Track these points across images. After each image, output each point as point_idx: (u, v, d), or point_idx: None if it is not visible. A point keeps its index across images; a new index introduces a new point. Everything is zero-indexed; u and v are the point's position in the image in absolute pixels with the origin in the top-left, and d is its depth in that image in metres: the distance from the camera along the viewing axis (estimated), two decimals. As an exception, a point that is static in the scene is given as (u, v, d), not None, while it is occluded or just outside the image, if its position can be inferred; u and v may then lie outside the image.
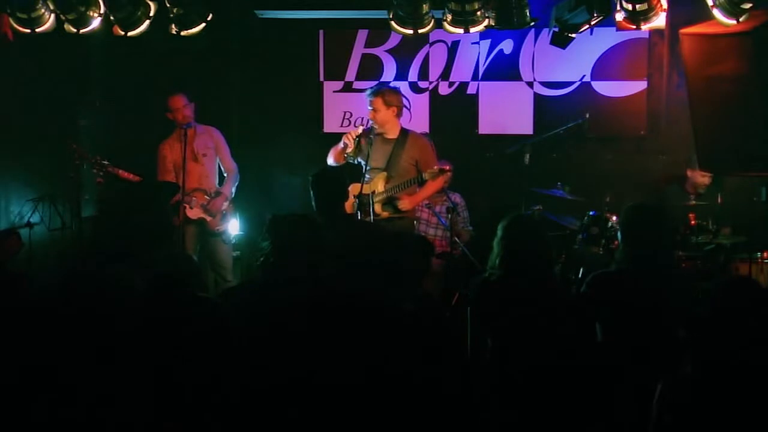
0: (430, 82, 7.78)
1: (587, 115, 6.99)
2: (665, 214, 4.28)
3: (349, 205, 5.76)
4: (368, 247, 3.80)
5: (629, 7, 5.56)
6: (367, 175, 5.98)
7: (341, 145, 6.06)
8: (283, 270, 3.29)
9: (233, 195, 6.76)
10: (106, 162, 6.44)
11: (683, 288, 3.92)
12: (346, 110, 7.84)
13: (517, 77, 7.64)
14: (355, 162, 6.13)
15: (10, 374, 2.69)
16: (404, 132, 6.16)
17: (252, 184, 7.25)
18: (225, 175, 6.82)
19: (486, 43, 7.62)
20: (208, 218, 6.55)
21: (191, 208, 6.50)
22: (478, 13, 5.71)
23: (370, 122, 6.08)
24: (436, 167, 5.93)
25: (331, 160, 6.20)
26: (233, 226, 6.73)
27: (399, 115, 6.13)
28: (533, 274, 3.78)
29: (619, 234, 4.09)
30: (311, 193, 5.01)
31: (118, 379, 2.70)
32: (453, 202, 6.74)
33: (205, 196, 6.58)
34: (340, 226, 4.70)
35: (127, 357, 2.79)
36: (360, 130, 6.03)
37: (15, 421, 2.62)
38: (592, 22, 5.58)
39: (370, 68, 7.76)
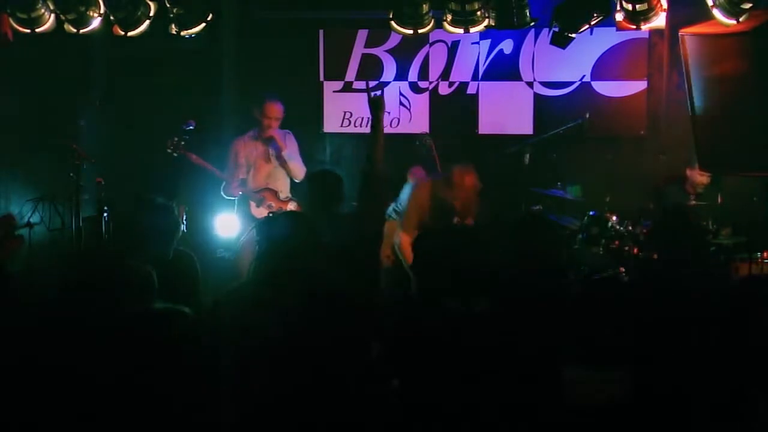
0: (430, 82, 7.78)
1: (587, 115, 6.99)
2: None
3: None
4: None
5: (629, 7, 5.56)
6: None
7: None
8: (271, 270, 3.27)
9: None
10: (182, 142, 6.47)
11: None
12: (346, 110, 7.84)
13: (517, 77, 7.64)
14: None
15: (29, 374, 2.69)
16: None
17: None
18: (295, 180, 6.74)
19: (486, 43, 7.62)
20: None
21: (257, 206, 6.52)
22: (478, 13, 5.71)
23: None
24: None
25: None
26: (234, 227, 6.71)
27: None
28: None
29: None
30: (307, 192, 4.99)
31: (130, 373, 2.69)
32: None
33: (275, 198, 6.59)
34: (335, 224, 4.67)
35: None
36: None
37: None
38: (592, 22, 5.58)
39: (370, 68, 7.76)
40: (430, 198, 5.86)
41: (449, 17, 5.81)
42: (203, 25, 5.85)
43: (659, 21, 5.73)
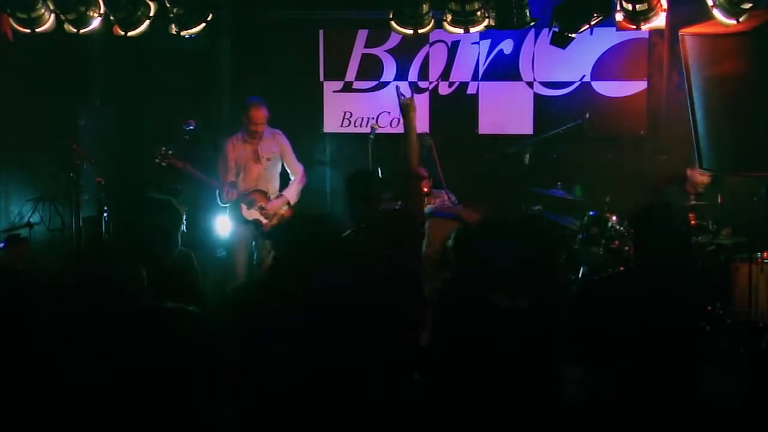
0: (430, 82, 7.78)
1: (587, 115, 6.99)
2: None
3: None
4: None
5: (629, 7, 5.56)
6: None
7: None
8: (286, 268, 3.27)
9: (297, 198, 6.70)
10: (171, 152, 6.45)
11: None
12: (346, 110, 7.84)
13: (517, 77, 7.64)
14: None
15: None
16: None
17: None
18: (291, 178, 6.76)
19: (486, 43, 7.62)
20: (264, 220, 6.52)
21: (248, 208, 6.51)
22: (478, 13, 5.71)
23: None
24: None
25: None
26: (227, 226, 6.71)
27: None
28: None
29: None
30: (346, 191, 4.95)
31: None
32: (453, 202, 6.72)
33: (265, 199, 6.58)
34: (374, 224, 4.64)
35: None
36: None
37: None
38: (592, 22, 5.58)
39: (370, 68, 7.76)
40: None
41: (449, 17, 5.81)
42: (203, 25, 5.86)
43: (659, 21, 5.74)
